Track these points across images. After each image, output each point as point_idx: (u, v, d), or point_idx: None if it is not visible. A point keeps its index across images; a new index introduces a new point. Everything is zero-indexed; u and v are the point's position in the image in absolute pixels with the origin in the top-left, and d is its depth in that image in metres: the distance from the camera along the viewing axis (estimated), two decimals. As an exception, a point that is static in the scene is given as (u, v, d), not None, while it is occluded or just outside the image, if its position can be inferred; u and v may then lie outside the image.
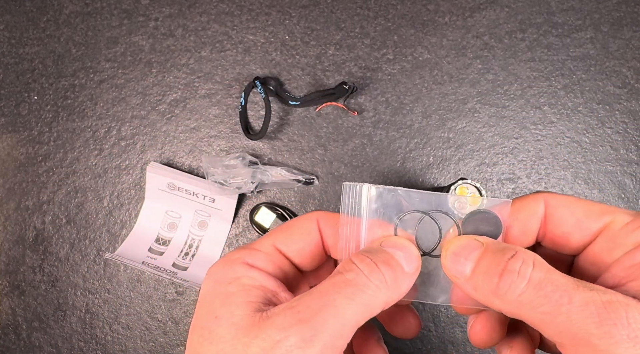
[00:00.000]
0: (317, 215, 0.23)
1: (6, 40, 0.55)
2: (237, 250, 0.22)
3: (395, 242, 0.20)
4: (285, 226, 0.23)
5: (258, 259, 0.21)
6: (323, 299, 0.18)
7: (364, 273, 0.19)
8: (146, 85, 0.53)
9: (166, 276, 0.48)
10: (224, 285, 0.20)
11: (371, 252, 0.20)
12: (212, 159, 0.49)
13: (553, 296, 0.17)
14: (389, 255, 0.20)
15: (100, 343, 0.51)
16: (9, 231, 0.53)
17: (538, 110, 0.50)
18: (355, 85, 0.50)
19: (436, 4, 0.52)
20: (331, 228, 0.22)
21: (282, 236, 0.22)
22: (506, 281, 0.18)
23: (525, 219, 0.21)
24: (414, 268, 0.20)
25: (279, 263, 0.22)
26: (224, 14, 0.53)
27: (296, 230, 0.22)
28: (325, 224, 0.22)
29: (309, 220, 0.22)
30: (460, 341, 0.49)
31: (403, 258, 0.20)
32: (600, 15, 0.51)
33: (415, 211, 0.21)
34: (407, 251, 0.20)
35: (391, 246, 0.20)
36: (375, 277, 0.19)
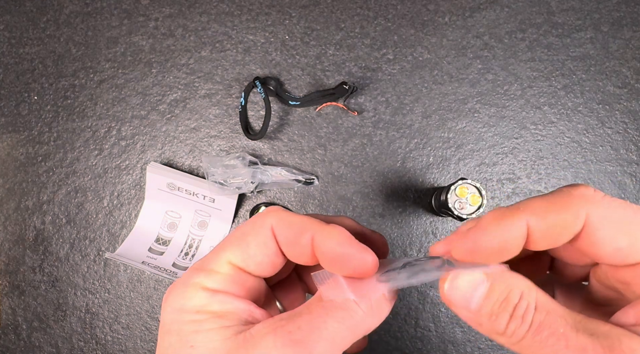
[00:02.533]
0: (270, 221, 0.21)
1: (6, 40, 0.55)
2: (193, 271, 0.20)
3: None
4: (238, 236, 0.21)
5: (218, 282, 0.20)
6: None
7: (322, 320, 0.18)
8: (146, 85, 0.53)
9: (166, 276, 0.48)
10: (191, 314, 0.19)
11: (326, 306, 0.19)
12: (212, 159, 0.49)
13: (549, 341, 0.17)
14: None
15: (100, 343, 0.51)
16: (9, 231, 0.53)
17: (538, 110, 0.50)
18: (355, 85, 0.50)
19: (436, 4, 0.52)
20: (286, 235, 0.21)
21: (238, 251, 0.21)
22: (511, 327, 0.18)
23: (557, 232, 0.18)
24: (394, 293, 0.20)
25: (240, 281, 0.21)
26: (224, 14, 0.53)
27: (252, 242, 0.21)
28: (279, 232, 0.21)
29: (263, 228, 0.21)
30: (460, 341, 0.49)
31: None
32: (600, 15, 0.51)
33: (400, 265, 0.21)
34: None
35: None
36: (363, 303, 0.19)
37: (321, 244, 0.20)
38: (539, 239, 0.18)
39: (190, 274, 0.20)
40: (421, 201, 0.50)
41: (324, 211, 0.50)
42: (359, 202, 0.50)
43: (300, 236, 0.20)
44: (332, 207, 0.50)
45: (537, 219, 0.18)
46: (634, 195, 0.49)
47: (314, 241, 0.20)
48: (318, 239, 0.20)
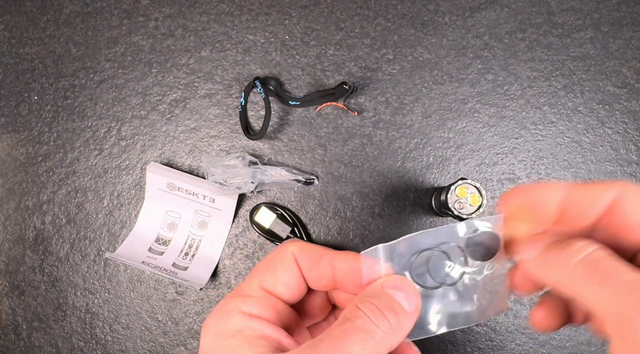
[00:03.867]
0: (292, 248, 0.23)
1: (6, 40, 0.55)
2: (230, 298, 0.22)
3: (396, 283, 0.22)
4: (266, 264, 0.23)
5: (253, 306, 0.22)
6: (337, 345, 0.19)
7: (372, 319, 0.20)
8: (146, 85, 0.53)
9: (166, 276, 0.48)
10: (227, 339, 0.21)
11: (374, 297, 0.21)
12: (212, 159, 0.49)
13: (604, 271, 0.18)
14: (391, 298, 0.21)
15: (100, 343, 0.51)
16: (9, 231, 0.53)
17: (538, 110, 0.50)
18: (355, 85, 0.50)
19: (436, 4, 0.52)
20: (307, 260, 0.23)
21: (267, 275, 0.23)
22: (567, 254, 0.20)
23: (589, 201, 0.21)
24: (414, 306, 0.21)
25: (272, 305, 0.22)
26: (224, 14, 0.53)
27: (279, 266, 0.23)
28: (301, 258, 0.23)
29: (286, 254, 0.23)
30: (460, 341, 0.49)
31: (404, 299, 0.21)
32: (600, 15, 0.51)
33: (422, 250, 0.23)
34: (407, 291, 0.21)
35: (392, 287, 0.21)
36: (382, 323, 0.20)
37: (339, 264, 0.23)
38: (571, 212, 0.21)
39: (228, 301, 0.22)
40: (421, 201, 0.50)
41: (324, 210, 0.50)
42: (358, 202, 0.50)
43: (319, 260, 0.23)
44: (332, 207, 0.50)
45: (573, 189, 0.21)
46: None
47: (332, 262, 0.23)
48: (336, 260, 0.23)
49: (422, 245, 0.23)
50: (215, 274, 0.51)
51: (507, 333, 0.49)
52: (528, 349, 0.48)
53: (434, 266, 0.23)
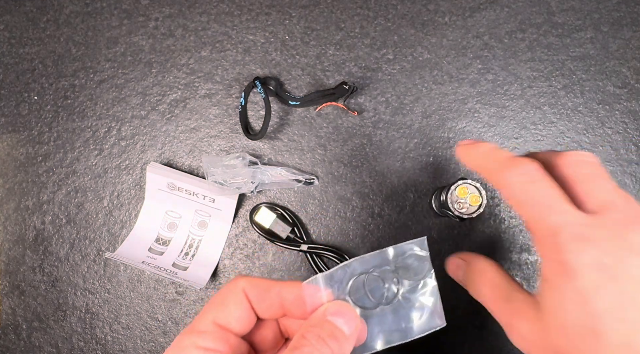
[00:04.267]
0: (242, 283, 0.25)
1: (6, 40, 0.55)
2: (185, 335, 0.24)
3: (336, 309, 0.25)
4: (218, 300, 0.26)
5: (208, 340, 0.24)
6: None
7: (316, 347, 0.23)
8: (146, 85, 0.53)
9: (166, 276, 0.48)
10: None
11: (317, 326, 0.24)
12: (212, 159, 0.49)
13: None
14: (333, 325, 0.24)
15: (100, 343, 0.51)
16: (9, 231, 0.53)
17: (538, 110, 0.50)
18: (355, 85, 0.50)
19: (436, 4, 0.52)
20: (256, 293, 0.25)
21: (219, 310, 0.25)
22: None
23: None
24: (353, 329, 0.24)
25: (225, 339, 0.24)
26: (224, 14, 0.53)
27: (230, 302, 0.25)
28: (250, 292, 0.25)
29: (237, 290, 0.25)
30: (461, 341, 0.49)
31: (344, 324, 0.24)
32: (600, 15, 0.51)
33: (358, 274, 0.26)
34: (347, 316, 0.24)
35: (333, 314, 0.24)
36: (324, 350, 0.23)
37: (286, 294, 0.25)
38: None
39: (183, 337, 0.24)
40: (421, 201, 0.50)
41: (324, 210, 0.50)
42: (358, 202, 0.50)
43: (268, 292, 0.25)
44: (332, 207, 0.50)
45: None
46: (634, 195, 0.49)
47: (280, 293, 0.25)
48: (283, 290, 0.25)
49: (358, 270, 0.26)
50: (215, 274, 0.51)
51: (507, 333, 0.49)
52: (528, 349, 0.48)
53: (371, 288, 0.26)
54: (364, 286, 0.26)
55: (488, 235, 0.49)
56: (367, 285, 0.26)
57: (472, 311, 0.49)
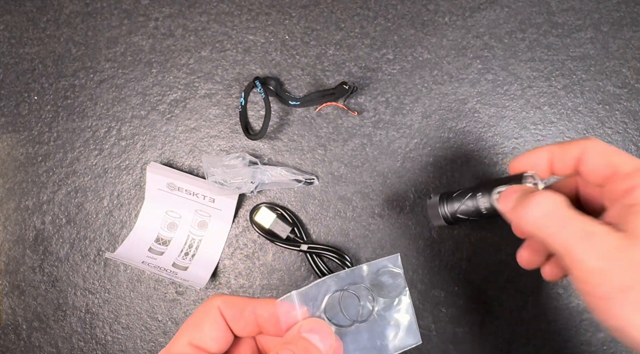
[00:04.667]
0: (217, 302, 0.26)
1: (6, 40, 0.55)
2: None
3: (311, 326, 0.24)
4: (194, 320, 0.26)
5: None
6: None
7: None
8: (146, 86, 0.53)
9: (166, 276, 0.48)
10: None
11: (292, 343, 0.24)
12: (212, 159, 0.49)
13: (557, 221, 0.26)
14: (308, 342, 0.24)
15: (100, 343, 0.51)
16: (9, 231, 0.53)
17: (538, 110, 0.50)
18: (355, 85, 0.50)
19: (436, 4, 0.52)
20: (231, 312, 0.25)
21: (194, 331, 0.25)
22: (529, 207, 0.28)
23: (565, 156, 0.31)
24: (328, 345, 0.24)
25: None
26: (224, 14, 0.53)
27: (206, 322, 0.25)
28: (225, 311, 0.25)
29: (212, 309, 0.25)
30: (461, 341, 0.49)
31: (319, 340, 0.24)
32: (600, 15, 0.51)
33: (333, 292, 0.26)
34: (322, 333, 0.24)
35: (308, 331, 0.24)
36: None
37: (261, 311, 0.25)
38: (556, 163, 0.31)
39: None
40: (421, 201, 0.50)
41: (324, 210, 0.50)
42: (358, 202, 0.50)
43: (243, 310, 0.25)
44: (332, 207, 0.50)
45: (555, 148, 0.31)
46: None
47: (255, 311, 0.25)
48: (258, 308, 0.25)
49: (332, 287, 0.25)
50: (215, 274, 0.51)
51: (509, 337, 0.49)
52: (529, 351, 0.48)
53: (346, 305, 0.26)
54: (339, 304, 0.26)
55: (488, 235, 0.49)
56: (342, 302, 0.26)
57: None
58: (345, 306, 0.26)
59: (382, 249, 0.50)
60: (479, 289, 0.49)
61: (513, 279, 0.49)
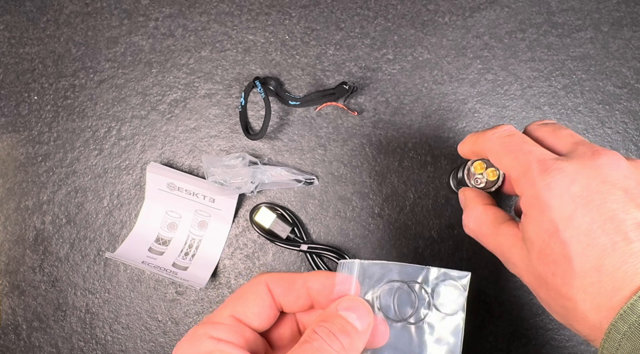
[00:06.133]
0: (264, 278, 0.26)
1: (6, 40, 0.55)
2: (201, 325, 0.24)
3: (349, 304, 0.24)
4: (239, 294, 0.26)
5: (222, 331, 0.24)
6: None
7: (327, 341, 0.22)
8: (146, 86, 0.53)
9: (166, 276, 0.48)
10: None
11: (328, 321, 0.23)
12: (212, 159, 0.49)
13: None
14: (344, 321, 0.23)
15: (100, 343, 0.51)
16: (9, 231, 0.53)
17: (538, 110, 0.50)
18: (355, 85, 0.50)
19: (436, 4, 0.52)
20: (281, 286, 0.25)
21: (238, 304, 0.25)
22: None
23: None
24: (366, 325, 0.24)
25: (241, 332, 0.24)
26: (224, 14, 0.53)
27: (250, 296, 0.25)
28: (274, 285, 0.25)
29: (259, 284, 0.25)
30: (462, 341, 0.49)
31: (356, 319, 0.23)
32: (600, 15, 0.51)
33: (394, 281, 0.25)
34: (359, 311, 0.24)
35: (345, 309, 0.24)
36: (335, 345, 0.22)
37: (313, 283, 0.25)
38: None
39: (198, 327, 0.24)
40: (421, 200, 0.50)
41: (324, 210, 0.50)
42: (358, 202, 0.50)
43: (294, 283, 0.25)
44: (332, 207, 0.50)
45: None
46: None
47: (306, 283, 0.25)
48: (309, 280, 0.25)
49: (394, 276, 0.25)
50: (215, 274, 0.51)
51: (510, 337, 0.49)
52: (529, 351, 0.48)
53: (400, 300, 0.25)
54: (394, 295, 0.25)
55: (488, 235, 0.49)
56: (397, 295, 0.25)
57: (472, 311, 0.49)
58: (399, 300, 0.25)
59: (382, 249, 0.50)
60: (478, 289, 0.49)
61: (513, 279, 0.49)
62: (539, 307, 0.48)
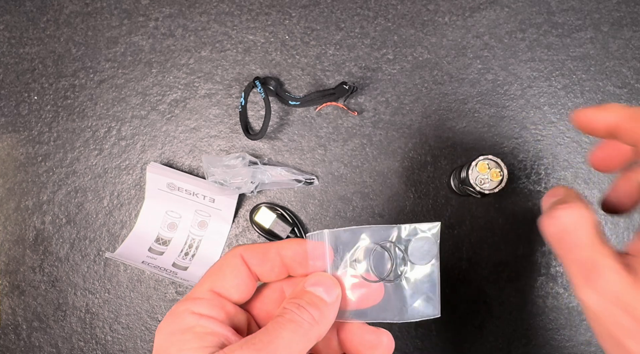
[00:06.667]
0: (239, 251, 0.26)
1: (6, 40, 0.55)
2: (181, 302, 0.25)
3: (315, 279, 0.25)
4: (215, 268, 0.26)
5: (203, 306, 0.24)
6: (272, 334, 0.22)
7: (297, 313, 0.23)
8: (146, 86, 0.53)
9: (166, 276, 0.48)
10: (178, 335, 0.23)
11: (297, 297, 0.24)
12: (212, 159, 0.49)
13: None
14: (312, 294, 0.24)
15: (100, 343, 0.51)
16: (9, 231, 0.53)
17: (538, 110, 0.50)
18: (355, 85, 0.50)
19: (436, 4, 0.52)
20: (256, 257, 0.26)
21: (216, 278, 0.25)
22: None
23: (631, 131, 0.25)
24: (334, 297, 0.24)
25: (221, 306, 0.25)
26: (224, 14, 0.53)
27: (227, 269, 0.26)
28: (249, 256, 0.26)
29: (234, 257, 0.26)
30: (461, 341, 0.49)
31: (323, 292, 0.24)
32: (600, 15, 0.51)
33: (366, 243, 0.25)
34: (326, 284, 0.25)
35: (312, 284, 0.25)
36: (306, 316, 0.23)
37: (285, 251, 0.25)
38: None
39: (178, 305, 0.24)
40: (421, 201, 0.50)
41: (324, 210, 0.50)
42: (358, 202, 0.50)
43: (267, 253, 0.25)
44: (332, 207, 0.50)
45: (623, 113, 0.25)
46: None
47: (279, 252, 0.25)
48: (282, 249, 0.25)
49: (366, 239, 0.25)
50: (215, 274, 0.51)
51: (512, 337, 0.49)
52: (529, 350, 0.48)
53: (375, 261, 0.25)
54: (369, 257, 0.25)
55: (488, 235, 0.49)
56: (372, 257, 0.25)
57: (472, 311, 0.49)
58: (375, 261, 0.25)
59: (382, 249, 0.50)
60: (478, 289, 0.49)
61: (513, 279, 0.49)
62: (539, 307, 0.48)
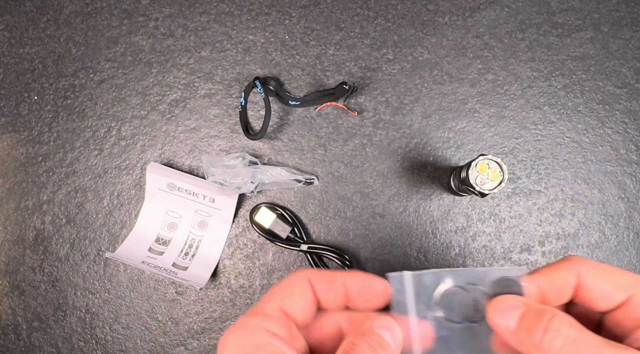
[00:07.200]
0: (307, 274, 0.26)
1: (6, 40, 0.55)
2: (251, 316, 0.24)
3: (383, 323, 0.25)
4: (284, 287, 0.26)
5: (275, 325, 0.24)
6: None
7: (365, 351, 0.23)
8: (146, 85, 0.53)
9: (166, 276, 0.48)
10: (249, 350, 0.23)
11: (367, 336, 0.24)
12: (212, 159, 0.49)
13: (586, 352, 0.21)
14: (380, 337, 0.25)
15: (100, 343, 0.51)
16: (9, 231, 0.53)
17: (538, 110, 0.50)
18: (355, 85, 0.50)
19: (436, 4, 0.52)
20: (323, 283, 0.26)
21: (284, 298, 0.25)
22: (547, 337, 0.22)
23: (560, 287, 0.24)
24: (397, 343, 0.25)
25: (287, 326, 0.25)
26: (224, 14, 0.53)
27: (297, 291, 0.25)
28: (316, 281, 0.26)
29: (303, 279, 0.26)
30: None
31: (390, 337, 0.25)
32: (600, 15, 0.51)
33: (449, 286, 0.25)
34: (392, 330, 0.25)
35: (380, 327, 0.25)
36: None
37: (351, 283, 0.25)
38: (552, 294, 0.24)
39: (249, 318, 0.24)
40: (421, 201, 0.50)
41: (324, 210, 0.50)
42: (359, 202, 0.50)
43: (334, 282, 0.26)
44: (332, 207, 0.50)
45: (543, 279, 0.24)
46: (634, 195, 0.49)
47: (345, 283, 0.25)
48: (348, 280, 0.26)
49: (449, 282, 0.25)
50: (215, 274, 0.51)
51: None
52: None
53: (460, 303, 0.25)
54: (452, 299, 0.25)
55: (489, 235, 0.49)
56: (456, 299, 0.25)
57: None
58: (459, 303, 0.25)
59: (382, 249, 0.50)
60: (479, 289, 0.49)
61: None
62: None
